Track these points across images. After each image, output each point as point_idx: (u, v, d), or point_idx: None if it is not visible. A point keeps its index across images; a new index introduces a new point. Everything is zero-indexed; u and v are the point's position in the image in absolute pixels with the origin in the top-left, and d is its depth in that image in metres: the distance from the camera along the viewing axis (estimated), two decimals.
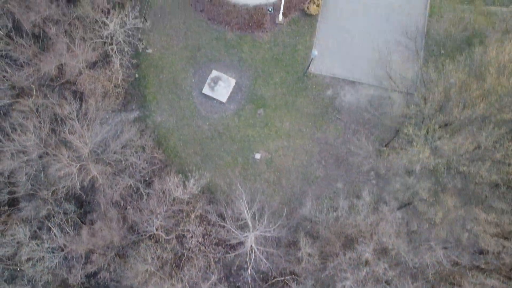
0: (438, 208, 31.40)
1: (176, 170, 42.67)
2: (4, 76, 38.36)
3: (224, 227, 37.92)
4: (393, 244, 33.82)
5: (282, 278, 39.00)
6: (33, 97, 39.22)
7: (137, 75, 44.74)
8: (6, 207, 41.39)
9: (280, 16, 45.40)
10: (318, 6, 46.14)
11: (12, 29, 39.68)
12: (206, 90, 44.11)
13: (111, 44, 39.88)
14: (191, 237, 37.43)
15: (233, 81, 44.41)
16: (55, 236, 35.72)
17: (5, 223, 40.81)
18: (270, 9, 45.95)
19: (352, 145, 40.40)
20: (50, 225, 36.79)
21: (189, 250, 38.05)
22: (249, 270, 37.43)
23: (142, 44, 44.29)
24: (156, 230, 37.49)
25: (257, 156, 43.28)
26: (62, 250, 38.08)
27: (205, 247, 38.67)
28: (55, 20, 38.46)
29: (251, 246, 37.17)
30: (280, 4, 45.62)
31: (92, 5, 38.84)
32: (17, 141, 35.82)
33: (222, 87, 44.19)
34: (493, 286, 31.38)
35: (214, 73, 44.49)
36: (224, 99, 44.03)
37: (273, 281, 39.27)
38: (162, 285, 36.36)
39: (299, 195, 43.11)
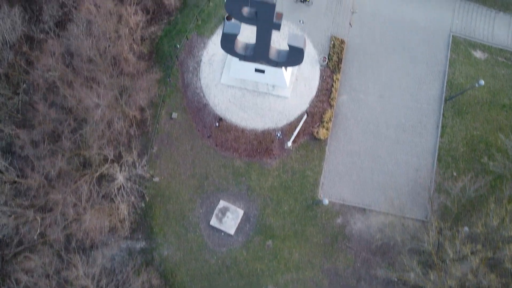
0: None
1: None
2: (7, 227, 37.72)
3: None
4: None
5: None
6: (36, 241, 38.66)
7: (143, 205, 43.96)
8: None
9: (289, 142, 44.57)
10: (327, 130, 45.30)
11: (19, 174, 39.10)
12: (213, 222, 43.24)
13: (117, 188, 39.15)
14: None
15: (241, 212, 43.54)
16: None
17: None
18: (278, 134, 45.17)
19: None
20: None
21: None
22: None
23: (149, 173, 43.63)
24: None
25: None
26: None
27: None
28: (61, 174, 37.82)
29: None
30: (290, 129, 44.97)
31: (99, 153, 38.17)
32: None
33: (230, 218, 43.34)
34: None
35: (222, 203, 43.64)
36: (232, 231, 43.15)
37: None
38: None
39: None
